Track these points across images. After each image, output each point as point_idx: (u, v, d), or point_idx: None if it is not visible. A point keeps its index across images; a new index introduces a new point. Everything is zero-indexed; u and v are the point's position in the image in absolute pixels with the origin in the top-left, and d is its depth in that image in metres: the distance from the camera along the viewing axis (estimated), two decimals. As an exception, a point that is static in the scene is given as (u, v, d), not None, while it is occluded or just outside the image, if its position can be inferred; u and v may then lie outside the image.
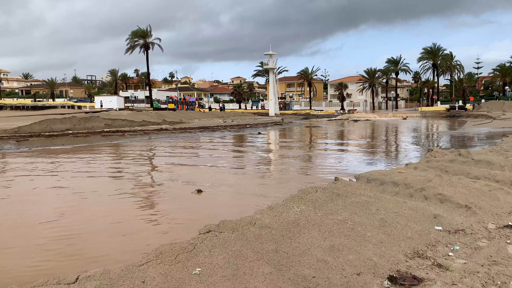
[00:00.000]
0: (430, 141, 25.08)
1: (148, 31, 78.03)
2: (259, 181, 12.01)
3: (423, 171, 7.16)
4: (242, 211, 6.71)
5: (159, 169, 14.91)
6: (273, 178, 12.24)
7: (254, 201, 8.73)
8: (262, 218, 4.55)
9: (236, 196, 10.12)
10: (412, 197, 5.47)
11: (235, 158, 17.96)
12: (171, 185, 12.02)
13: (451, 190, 5.33)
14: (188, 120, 44.91)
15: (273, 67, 66.06)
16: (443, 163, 7.65)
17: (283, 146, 24.01)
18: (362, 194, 5.04)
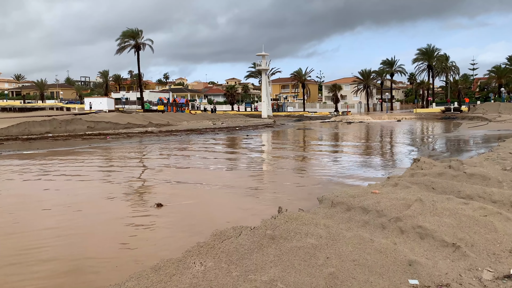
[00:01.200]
0: (423, 145, 23.92)
1: (139, 31, 76.76)
2: (223, 197, 10.75)
3: (405, 188, 5.95)
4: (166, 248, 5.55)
5: (118, 180, 13.55)
6: (241, 194, 10.98)
7: (200, 229, 7.50)
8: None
9: (185, 218, 8.84)
10: (384, 230, 4.25)
11: (211, 165, 16.69)
12: (128, 198, 10.76)
13: (435, 220, 4.13)
14: (176, 122, 43.59)
15: (266, 68, 64.88)
16: (429, 178, 6.44)
17: (268, 151, 22.78)
18: (310, 233, 3.79)
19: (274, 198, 9.85)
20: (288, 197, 9.96)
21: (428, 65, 79.46)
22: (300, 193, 10.47)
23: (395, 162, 15.98)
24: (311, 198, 9.64)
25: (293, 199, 9.62)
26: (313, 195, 9.78)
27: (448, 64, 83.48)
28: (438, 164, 8.01)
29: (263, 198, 10.16)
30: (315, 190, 10.47)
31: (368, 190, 5.82)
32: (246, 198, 10.14)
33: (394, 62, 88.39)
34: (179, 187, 11.79)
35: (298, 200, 9.31)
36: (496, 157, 10.99)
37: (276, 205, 7.23)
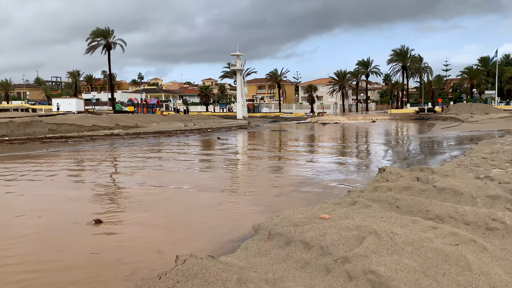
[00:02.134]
0: (396, 147, 23.28)
1: (110, 30, 74.42)
2: (172, 213, 9.59)
3: (364, 208, 4.96)
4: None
5: (58, 191, 12.16)
6: (196, 209, 9.84)
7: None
8: None
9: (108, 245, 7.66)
10: (328, 274, 3.23)
11: (170, 173, 15.43)
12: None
13: (393, 261, 3.14)
14: (145, 124, 41.95)
15: (240, 68, 63.76)
16: (393, 194, 5.48)
17: (236, 155, 21.64)
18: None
19: (221, 216, 8.75)
20: (240, 211, 8.87)
21: (403, 66, 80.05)
22: (258, 205, 9.39)
23: (364, 168, 15.10)
24: (267, 211, 8.59)
25: (244, 215, 8.56)
26: (270, 209, 8.74)
27: (422, 65, 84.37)
28: (406, 175, 7.06)
29: (214, 214, 9.03)
30: (274, 204, 9.43)
31: (316, 214, 4.77)
32: (201, 213, 9.00)
33: (370, 63, 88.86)
34: (125, 200, 10.53)
35: (250, 216, 8.24)
36: (469, 163, 10.18)
37: (221, 228, 6.13)
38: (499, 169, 9.11)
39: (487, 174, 8.52)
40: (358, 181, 12.13)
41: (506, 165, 9.59)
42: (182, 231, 7.75)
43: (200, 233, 7.51)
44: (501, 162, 10.13)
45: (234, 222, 7.87)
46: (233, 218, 8.29)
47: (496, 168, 9.21)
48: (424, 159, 16.15)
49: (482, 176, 8.42)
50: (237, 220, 8.05)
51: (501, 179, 7.99)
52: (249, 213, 8.47)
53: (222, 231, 7.31)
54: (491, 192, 5.47)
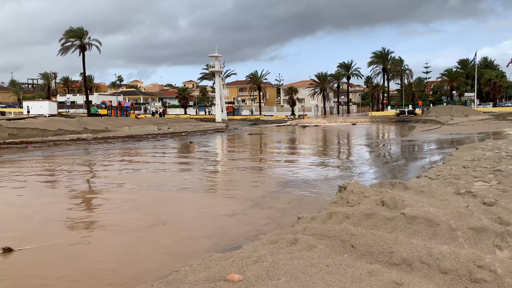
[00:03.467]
0: (371, 152, 22.16)
1: (84, 31, 72.03)
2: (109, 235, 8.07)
3: (306, 250, 3.62)
4: None
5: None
6: (133, 230, 8.33)
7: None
8: None
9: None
10: None
11: (119, 186, 13.84)
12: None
13: None
14: (116, 128, 40.07)
15: (219, 70, 62.29)
16: (348, 228, 4.14)
17: (200, 163, 20.04)
18: None
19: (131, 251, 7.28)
20: (171, 241, 7.40)
21: (383, 68, 79.84)
22: (204, 227, 7.95)
23: (337, 177, 13.81)
24: (213, 236, 7.17)
25: (176, 247, 7.10)
26: (216, 235, 7.32)
27: (402, 67, 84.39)
28: (372, 194, 5.74)
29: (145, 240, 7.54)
30: (226, 226, 8.02)
31: (227, 270, 3.39)
32: (130, 239, 7.51)
33: (351, 66, 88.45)
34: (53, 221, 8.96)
35: (185, 248, 6.80)
36: (448, 174, 8.95)
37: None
38: (482, 182, 7.89)
39: (468, 188, 7.28)
40: (328, 194, 10.84)
41: (490, 176, 8.38)
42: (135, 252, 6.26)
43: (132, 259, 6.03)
44: (483, 173, 8.94)
45: (144, 261, 6.18)
46: (149, 254, 6.57)
47: (479, 181, 7.99)
48: (400, 167, 14.95)
49: (463, 191, 7.17)
50: (155, 257, 6.40)
51: (484, 195, 6.75)
52: (186, 243, 6.97)
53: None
54: (475, 223, 4.19)
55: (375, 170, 14.79)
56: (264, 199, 10.49)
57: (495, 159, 11.57)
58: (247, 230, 7.70)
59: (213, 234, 7.22)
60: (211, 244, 6.57)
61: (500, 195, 6.69)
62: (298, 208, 9.83)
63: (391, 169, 14.56)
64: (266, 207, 9.62)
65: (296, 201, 10.52)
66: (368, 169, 15.33)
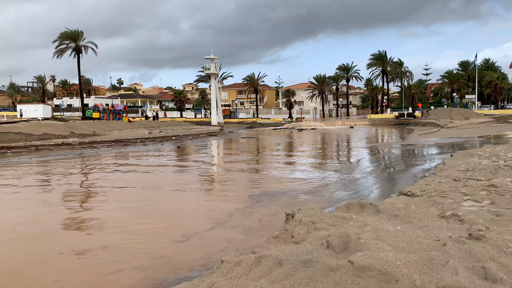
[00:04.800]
0: (360, 159, 20.99)
1: (79, 33, 71.12)
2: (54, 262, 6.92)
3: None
4: None
5: None
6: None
7: None
8: None
9: None
10: None
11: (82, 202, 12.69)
12: None
13: None
14: (105, 132, 38.96)
15: (215, 72, 61.18)
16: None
17: (173, 171, 18.78)
18: None
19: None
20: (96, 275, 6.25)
21: (382, 70, 78.66)
22: (141, 256, 6.79)
23: (314, 191, 12.59)
24: (142, 268, 6.01)
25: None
26: (147, 272, 6.17)
27: (402, 69, 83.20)
28: (325, 225, 4.56)
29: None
30: (169, 256, 6.85)
31: None
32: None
33: (350, 68, 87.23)
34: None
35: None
36: (435, 189, 7.77)
37: None
38: (472, 202, 6.71)
39: (455, 210, 6.11)
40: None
41: (482, 194, 7.20)
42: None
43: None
44: (475, 188, 7.75)
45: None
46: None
47: (469, 200, 6.81)
48: (387, 178, 13.74)
49: (449, 214, 6.02)
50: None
51: (473, 220, 5.60)
52: (110, 279, 5.76)
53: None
54: (448, 280, 3.02)
55: (359, 181, 13.58)
56: (231, 216, 9.34)
57: (491, 170, 10.38)
58: (195, 258, 6.55)
59: (150, 265, 6.06)
60: (140, 279, 5.42)
61: (492, 221, 5.52)
62: (269, 227, 8.68)
63: (376, 181, 13.35)
64: (230, 227, 8.47)
65: (268, 218, 9.37)
66: (352, 179, 14.12)
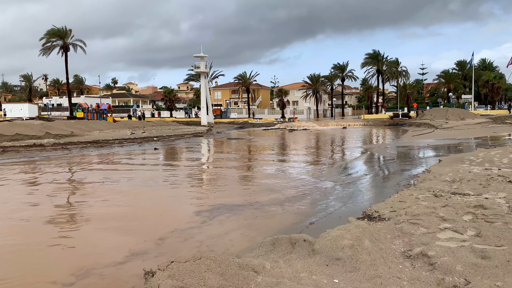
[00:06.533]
0: (341, 164, 19.35)
1: (67, 30, 69.37)
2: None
3: None
4: None
5: None
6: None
7: None
8: None
9: None
10: None
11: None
12: None
13: None
14: (85, 132, 37.24)
15: (205, 71, 59.47)
16: None
17: (130, 177, 17.06)
18: None
19: None
20: None
21: (377, 70, 77.12)
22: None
23: (277, 204, 10.98)
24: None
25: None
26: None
27: (398, 69, 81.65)
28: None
29: None
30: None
31: None
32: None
33: (345, 67, 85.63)
34: None
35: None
36: (405, 212, 6.10)
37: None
38: (451, 233, 5.06)
39: (426, 247, 4.48)
40: (260, 229, 8.07)
41: (466, 220, 5.54)
42: None
43: None
44: (459, 210, 6.08)
45: None
46: None
47: (448, 230, 5.15)
48: (356, 191, 11.93)
49: (416, 253, 4.44)
50: None
51: (448, 267, 4.00)
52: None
53: None
54: None
55: (328, 193, 11.86)
56: (163, 241, 7.65)
57: (482, 181, 8.74)
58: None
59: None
60: None
61: (474, 268, 3.88)
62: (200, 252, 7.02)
63: (347, 193, 11.60)
64: (153, 256, 6.78)
65: (208, 244, 7.70)
66: (322, 189, 12.41)
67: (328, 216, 9.53)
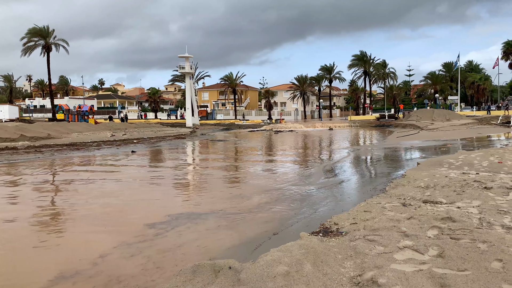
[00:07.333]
0: (320, 167, 18.74)
1: (49, 30, 67.85)
2: None
3: None
4: None
5: None
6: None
7: None
8: None
9: None
10: None
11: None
12: None
13: None
14: (63, 134, 36.11)
15: (190, 71, 58.56)
16: None
17: (102, 185, 16.34)
18: None
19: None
20: None
21: (364, 71, 76.94)
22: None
23: (239, 213, 10.29)
24: None
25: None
26: None
27: (386, 70, 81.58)
28: None
29: None
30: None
31: None
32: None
33: (333, 69, 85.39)
34: None
35: None
36: (364, 226, 5.42)
37: None
38: (411, 252, 4.39)
39: (378, 272, 3.83)
40: (213, 241, 7.35)
41: (430, 235, 4.88)
42: None
43: None
44: (424, 223, 5.43)
45: None
46: None
47: (407, 248, 4.48)
48: (323, 198, 11.24)
49: (366, 280, 3.86)
50: None
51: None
52: None
53: None
54: None
55: (295, 200, 11.15)
56: (104, 258, 6.87)
57: (457, 188, 8.13)
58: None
59: None
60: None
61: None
62: (153, 273, 6.34)
63: (315, 200, 10.90)
64: (86, 278, 5.99)
65: (156, 260, 6.96)
66: (293, 196, 11.69)
67: (295, 225, 8.86)
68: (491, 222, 5.23)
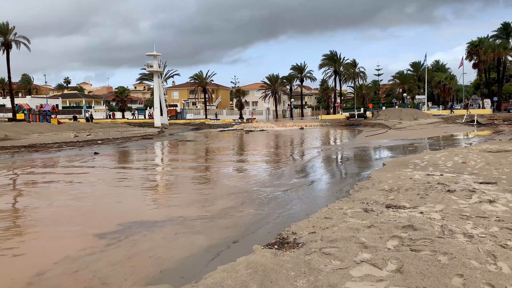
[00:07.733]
0: (286, 169, 18.48)
1: (9, 27, 64.90)
2: None
3: None
4: None
5: None
6: None
7: None
8: None
9: None
10: None
11: None
12: None
13: None
14: (21, 135, 34.49)
15: (158, 70, 57.36)
16: None
17: (53, 189, 15.49)
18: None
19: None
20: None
21: (335, 71, 77.69)
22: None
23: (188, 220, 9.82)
24: None
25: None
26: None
27: (356, 70, 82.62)
28: None
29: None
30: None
31: None
32: None
33: (304, 68, 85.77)
34: None
35: None
36: (321, 236, 5.05)
37: None
38: (368, 267, 4.05)
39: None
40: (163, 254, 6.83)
41: (389, 247, 4.57)
42: None
43: None
44: (384, 232, 5.12)
45: None
46: None
47: (365, 262, 4.14)
48: (286, 203, 10.88)
49: None
50: None
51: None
52: None
53: None
54: None
55: (252, 208, 10.76)
56: (42, 276, 6.23)
57: (421, 190, 7.94)
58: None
59: None
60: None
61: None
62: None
63: (275, 206, 10.50)
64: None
65: (102, 275, 6.38)
66: (257, 200, 11.29)
67: (257, 232, 8.45)
68: (453, 229, 4.98)
